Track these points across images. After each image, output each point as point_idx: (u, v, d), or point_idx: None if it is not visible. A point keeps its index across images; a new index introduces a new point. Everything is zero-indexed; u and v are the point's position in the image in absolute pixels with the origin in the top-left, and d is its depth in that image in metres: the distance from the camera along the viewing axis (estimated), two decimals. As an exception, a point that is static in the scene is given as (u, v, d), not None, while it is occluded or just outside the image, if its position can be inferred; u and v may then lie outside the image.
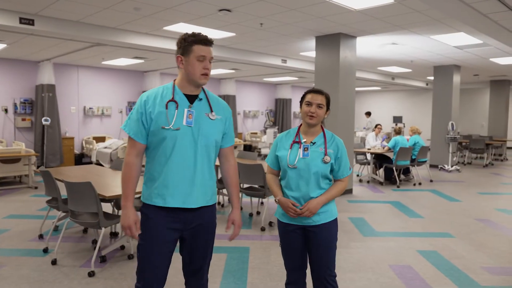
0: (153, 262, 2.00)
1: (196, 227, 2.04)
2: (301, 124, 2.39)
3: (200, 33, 1.97)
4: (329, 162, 2.26)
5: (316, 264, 2.32)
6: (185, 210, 1.99)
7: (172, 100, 1.98)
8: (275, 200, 2.35)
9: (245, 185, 5.53)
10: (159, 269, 2.01)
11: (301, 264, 2.38)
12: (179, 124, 1.95)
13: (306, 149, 2.28)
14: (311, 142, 2.31)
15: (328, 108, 2.33)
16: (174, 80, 2.06)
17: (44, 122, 9.25)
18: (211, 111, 2.04)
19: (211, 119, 2.03)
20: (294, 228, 2.32)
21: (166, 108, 1.96)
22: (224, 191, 6.23)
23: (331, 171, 2.32)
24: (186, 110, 1.98)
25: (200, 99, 2.04)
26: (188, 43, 1.96)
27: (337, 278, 2.36)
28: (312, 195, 2.25)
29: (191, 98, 2.02)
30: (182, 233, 2.03)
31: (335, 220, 2.35)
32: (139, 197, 2.12)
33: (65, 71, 10.64)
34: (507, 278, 3.57)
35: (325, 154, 2.26)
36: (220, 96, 14.02)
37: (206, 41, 1.96)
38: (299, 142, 2.31)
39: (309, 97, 2.29)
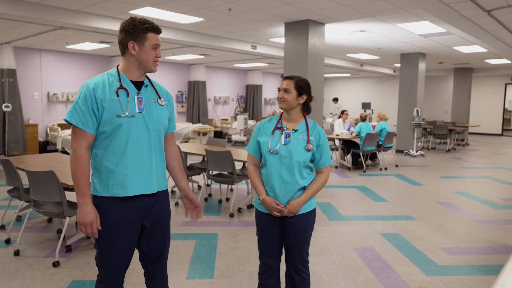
0: (115, 255, 1.98)
1: (155, 213, 2.04)
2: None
3: (152, 21, 1.98)
4: (312, 150, 2.25)
5: (291, 251, 2.36)
6: (144, 197, 1.98)
7: (121, 87, 1.95)
8: (259, 198, 2.31)
9: (215, 172, 5.54)
10: (121, 261, 2.00)
11: (277, 252, 2.39)
12: (133, 111, 1.95)
13: (288, 136, 2.26)
14: (293, 129, 2.30)
15: (303, 93, 2.32)
16: (117, 66, 2.02)
17: (4, 109, 8.87)
18: (159, 97, 2.07)
19: (160, 105, 2.05)
20: (272, 218, 2.32)
21: (117, 95, 1.93)
22: (194, 178, 6.22)
23: (312, 160, 2.31)
24: (136, 97, 1.97)
25: (146, 86, 2.04)
26: (141, 30, 1.93)
27: (300, 262, 2.42)
28: (295, 185, 2.25)
29: (137, 85, 2.01)
30: (143, 221, 2.01)
31: (313, 210, 2.36)
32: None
33: (26, 55, 10.20)
34: (463, 258, 3.77)
35: (308, 141, 2.25)
36: (190, 82, 13.93)
37: (159, 30, 1.99)
38: (281, 129, 2.30)
39: (280, 84, 2.33)
